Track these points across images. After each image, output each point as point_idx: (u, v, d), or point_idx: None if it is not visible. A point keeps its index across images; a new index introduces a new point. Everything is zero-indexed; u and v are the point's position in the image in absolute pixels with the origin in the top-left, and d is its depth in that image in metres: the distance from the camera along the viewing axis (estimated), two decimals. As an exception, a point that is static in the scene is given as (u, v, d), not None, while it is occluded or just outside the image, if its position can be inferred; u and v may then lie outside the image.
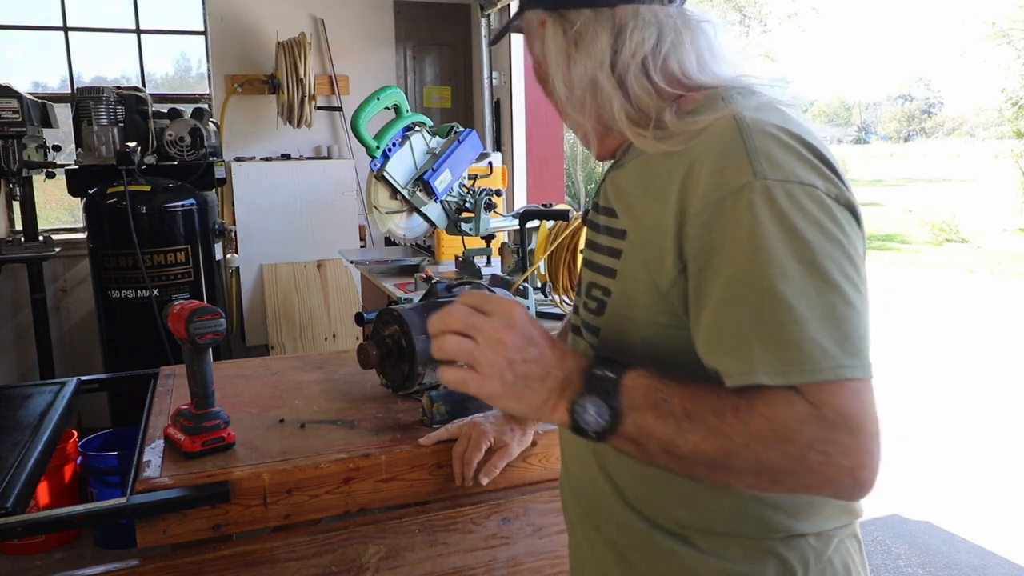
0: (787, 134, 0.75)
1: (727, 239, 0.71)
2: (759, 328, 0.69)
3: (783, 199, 0.71)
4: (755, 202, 0.71)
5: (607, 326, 0.86)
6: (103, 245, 3.20)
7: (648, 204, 0.82)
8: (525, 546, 1.34)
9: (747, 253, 0.70)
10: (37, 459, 1.28)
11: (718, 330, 0.72)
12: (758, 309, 0.69)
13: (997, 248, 12.01)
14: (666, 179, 0.79)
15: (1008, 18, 14.25)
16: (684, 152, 0.79)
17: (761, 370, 0.68)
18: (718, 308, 0.72)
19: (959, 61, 50.48)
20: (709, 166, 0.75)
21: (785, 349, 0.68)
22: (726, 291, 0.71)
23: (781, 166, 0.72)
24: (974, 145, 31.65)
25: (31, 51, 4.26)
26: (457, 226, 2.69)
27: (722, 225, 0.72)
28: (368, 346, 1.46)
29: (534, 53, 0.95)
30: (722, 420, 0.69)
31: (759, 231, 0.70)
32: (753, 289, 0.69)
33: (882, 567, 2.89)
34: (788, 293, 0.68)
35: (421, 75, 4.64)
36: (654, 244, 0.79)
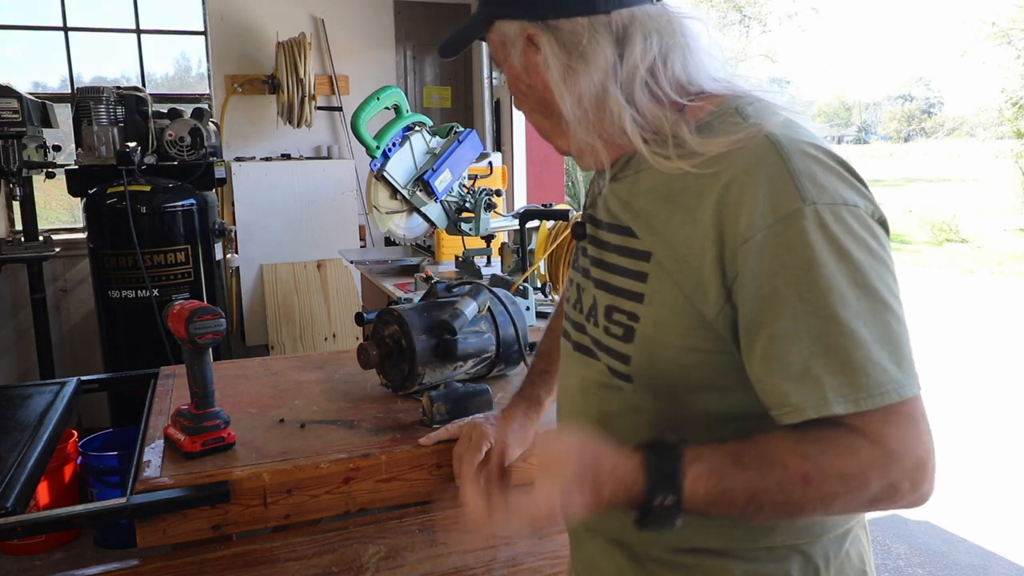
0: (823, 152, 0.75)
1: (783, 267, 0.71)
2: (825, 355, 0.70)
3: (833, 223, 0.71)
4: (808, 228, 0.71)
5: (639, 354, 0.82)
6: (103, 245, 3.20)
7: (677, 227, 0.78)
8: (525, 546, 1.34)
9: (806, 281, 0.70)
10: (37, 459, 1.28)
11: (781, 360, 0.72)
12: (822, 337, 0.70)
13: (997, 248, 12.01)
14: (695, 200, 0.77)
15: (1008, 18, 14.25)
16: (715, 174, 0.76)
17: (833, 399, 0.69)
18: (781, 338, 0.71)
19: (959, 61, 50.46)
20: (752, 190, 0.73)
21: (853, 374, 0.69)
22: (788, 320, 0.71)
23: (827, 189, 0.73)
24: (974, 145, 31.63)
25: (31, 51, 4.25)
26: (457, 226, 2.69)
27: (776, 253, 0.71)
28: (368, 346, 1.46)
29: (510, 65, 0.88)
30: (791, 492, 0.71)
31: (815, 258, 0.70)
32: (815, 317, 0.70)
33: (882, 567, 2.88)
34: (849, 318, 0.69)
35: (421, 75, 4.64)
36: (692, 269, 0.77)
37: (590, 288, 0.90)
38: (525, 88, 0.89)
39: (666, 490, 0.71)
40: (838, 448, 0.70)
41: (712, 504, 0.72)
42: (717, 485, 0.71)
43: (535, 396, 1.24)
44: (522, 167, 4.23)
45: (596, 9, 0.81)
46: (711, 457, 0.72)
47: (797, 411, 0.71)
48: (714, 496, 0.72)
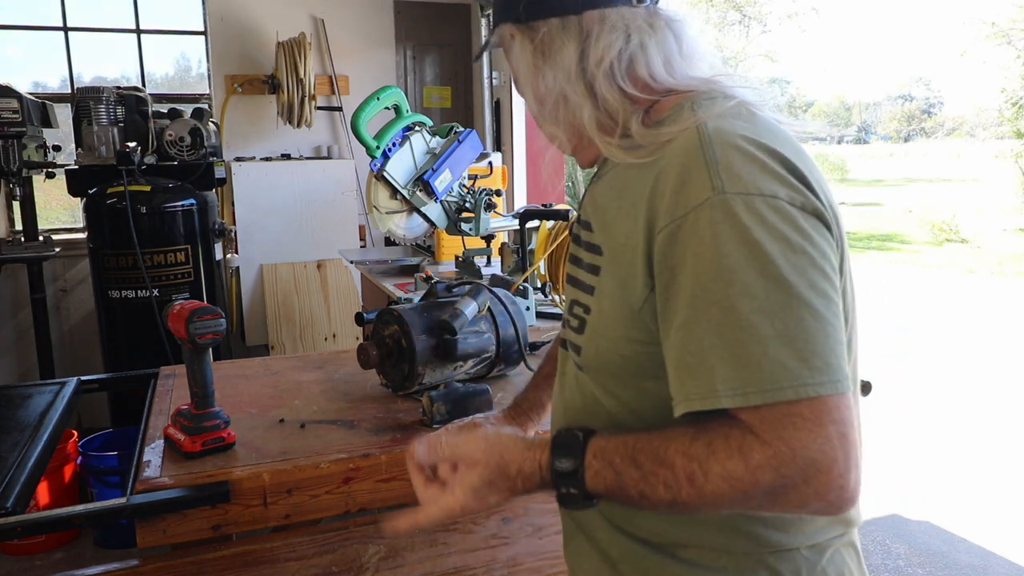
0: (750, 143, 0.74)
1: (689, 257, 0.71)
2: (720, 348, 0.69)
3: (744, 213, 0.69)
4: (715, 218, 0.70)
5: (588, 345, 0.85)
6: (103, 245, 3.20)
7: (620, 220, 0.81)
8: (525, 546, 1.34)
9: (708, 272, 0.69)
10: (37, 459, 1.28)
11: (680, 349, 0.72)
12: (720, 328, 0.69)
13: (997, 248, 12.01)
14: (637, 195, 0.78)
15: (1008, 18, 14.26)
16: (651, 165, 0.78)
17: (722, 391, 0.68)
18: (682, 328, 0.71)
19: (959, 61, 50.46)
20: (672, 181, 0.74)
21: (746, 369, 0.67)
22: (689, 311, 0.71)
23: (741, 178, 0.71)
24: (974, 145, 31.66)
25: (31, 51, 4.25)
26: (457, 226, 2.69)
27: (683, 243, 0.71)
28: (368, 346, 1.47)
29: (511, 65, 0.95)
30: (677, 492, 0.71)
31: (720, 249, 0.69)
32: (715, 308, 0.69)
33: (882, 567, 2.89)
34: (750, 311, 0.68)
35: (421, 75, 4.64)
36: (626, 262, 0.79)
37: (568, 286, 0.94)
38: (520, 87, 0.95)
39: (568, 485, 0.77)
40: (728, 449, 0.69)
41: (611, 495, 0.76)
42: (614, 481, 0.75)
43: (537, 399, 1.24)
44: (522, 167, 4.23)
45: (567, 10, 0.85)
46: (612, 454, 0.75)
47: (687, 401, 0.71)
48: (612, 490, 0.75)
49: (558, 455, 0.78)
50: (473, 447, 0.83)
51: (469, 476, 0.82)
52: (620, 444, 0.76)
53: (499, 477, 0.81)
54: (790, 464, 0.66)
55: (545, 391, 1.22)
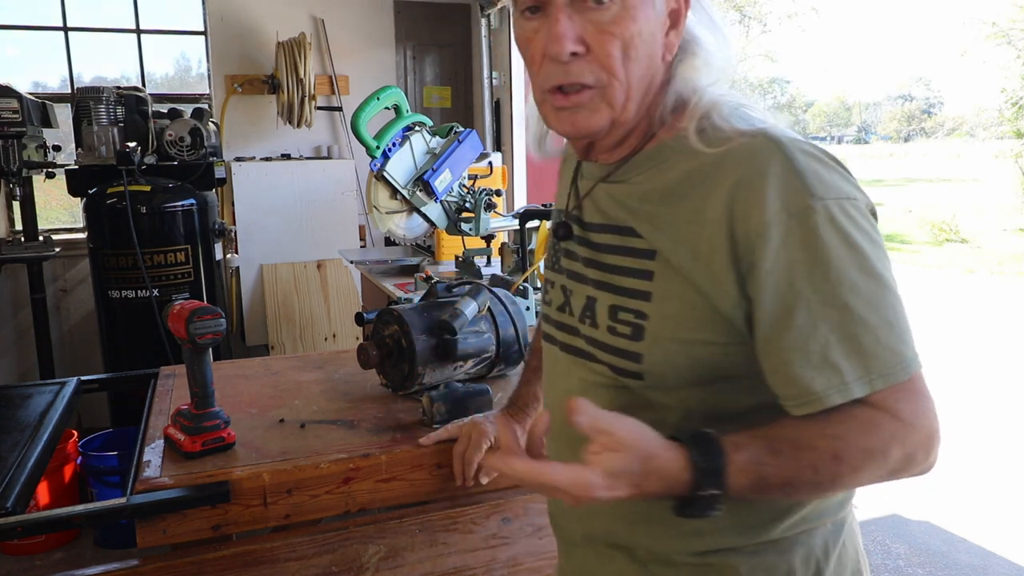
0: (819, 151, 0.78)
1: (798, 262, 0.74)
2: (841, 343, 0.74)
3: (840, 217, 0.75)
4: (819, 223, 0.74)
5: (651, 351, 0.82)
6: (103, 245, 3.20)
7: (683, 225, 0.79)
8: (525, 546, 1.34)
9: (819, 274, 0.74)
10: (37, 459, 1.28)
11: (801, 350, 0.75)
12: (838, 326, 0.74)
13: (997, 248, 12.01)
14: (701, 200, 0.78)
15: (1008, 18, 14.26)
16: (713, 172, 0.78)
17: (852, 383, 0.74)
18: (799, 329, 0.75)
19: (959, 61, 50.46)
20: (763, 189, 0.75)
21: (866, 358, 0.74)
22: (805, 312, 0.74)
23: (831, 185, 0.76)
24: (974, 145, 31.64)
25: (31, 51, 4.26)
26: (457, 226, 2.69)
27: (790, 248, 0.74)
28: (368, 346, 1.47)
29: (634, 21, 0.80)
30: (823, 472, 0.74)
31: (827, 251, 0.74)
32: (830, 307, 0.74)
33: (882, 567, 2.89)
34: (860, 306, 0.74)
35: (421, 75, 4.64)
36: (702, 266, 0.78)
37: (582, 290, 0.90)
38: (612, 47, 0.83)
39: (711, 485, 0.73)
40: (862, 425, 0.74)
41: (751, 491, 0.75)
42: (756, 473, 0.74)
43: (533, 393, 1.25)
44: (522, 167, 4.23)
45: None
46: (750, 447, 0.74)
47: (821, 399, 0.75)
48: (754, 484, 0.74)
49: (699, 452, 0.74)
50: (628, 429, 0.75)
51: (610, 459, 0.73)
52: (755, 438, 0.75)
53: (639, 468, 0.73)
54: (914, 434, 0.75)
55: (537, 385, 1.23)
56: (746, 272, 0.76)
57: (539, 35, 0.81)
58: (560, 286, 0.95)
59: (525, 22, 0.83)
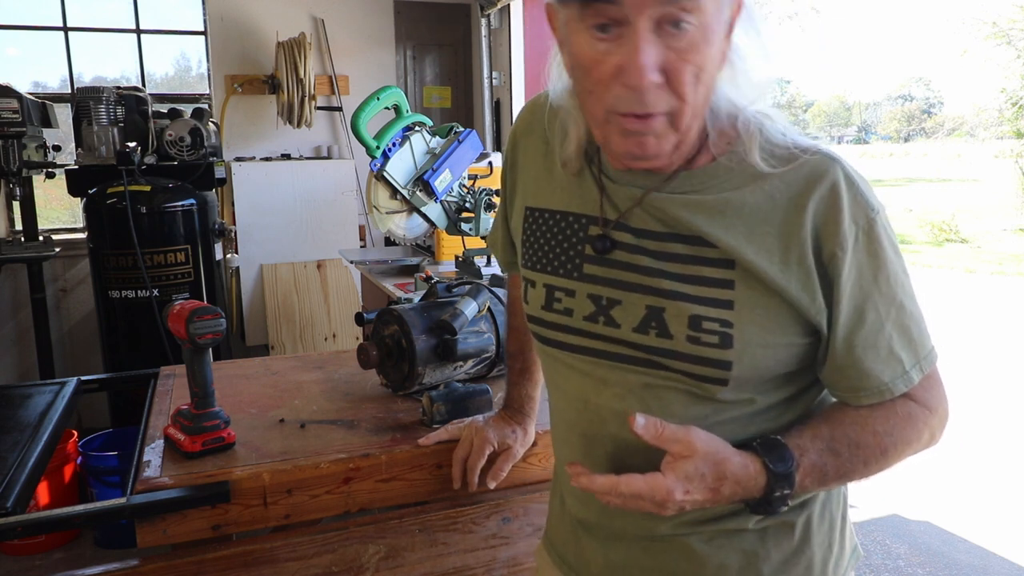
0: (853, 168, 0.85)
1: (869, 269, 0.84)
2: (900, 336, 0.86)
3: (887, 226, 0.86)
4: (880, 235, 0.84)
5: (741, 357, 0.83)
6: (103, 245, 3.20)
7: (762, 237, 0.83)
8: (525, 546, 1.34)
9: (883, 278, 0.84)
10: (37, 459, 1.28)
11: (873, 347, 0.85)
12: (897, 321, 0.85)
13: (997, 248, 12.01)
14: (783, 216, 0.83)
15: (1008, 18, 14.26)
16: (788, 190, 0.82)
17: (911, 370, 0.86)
18: (871, 327, 0.84)
19: (959, 61, 50.46)
20: (840, 205, 0.82)
21: (917, 347, 0.87)
22: (875, 312, 0.84)
23: (875, 198, 0.85)
24: (974, 145, 31.64)
25: (31, 51, 4.25)
26: (457, 226, 2.69)
27: (863, 258, 0.84)
28: (368, 346, 1.46)
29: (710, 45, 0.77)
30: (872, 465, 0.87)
31: (887, 258, 0.85)
32: (891, 306, 0.85)
33: (882, 567, 2.89)
34: (908, 302, 0.86)
35: (421, 75, 4.64)
36: (792, 276, 0.83)
37: (636, 299, 0.87)
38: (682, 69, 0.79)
39: (783, 487, 0.82)
40: (903, 420, 0.87)
41: (813, 487, 0.85)
42: (820, 472, 0.84)
43: (526, 394, 1.25)
44: (522, 167, 4.22)
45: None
46: (813, 449, 0.84)
47: (890, 388, 0.86)
48: (817, 481, 0.85)
49: (773, 459, 0.82)
50: (698, 438, 0.81)
51: (684, 464, 0.80)
52: (816, 439, 0.85)
53: (712, 472, 0.81)
54: (940, 424, 0.90)
55: (528, 385, 1.24)
56: (832, 281, 0.83)
57: (612, 57, 0.76)
58: (587, 295, 0.90)
59: (595, 41, 0.77)
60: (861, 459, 0.85)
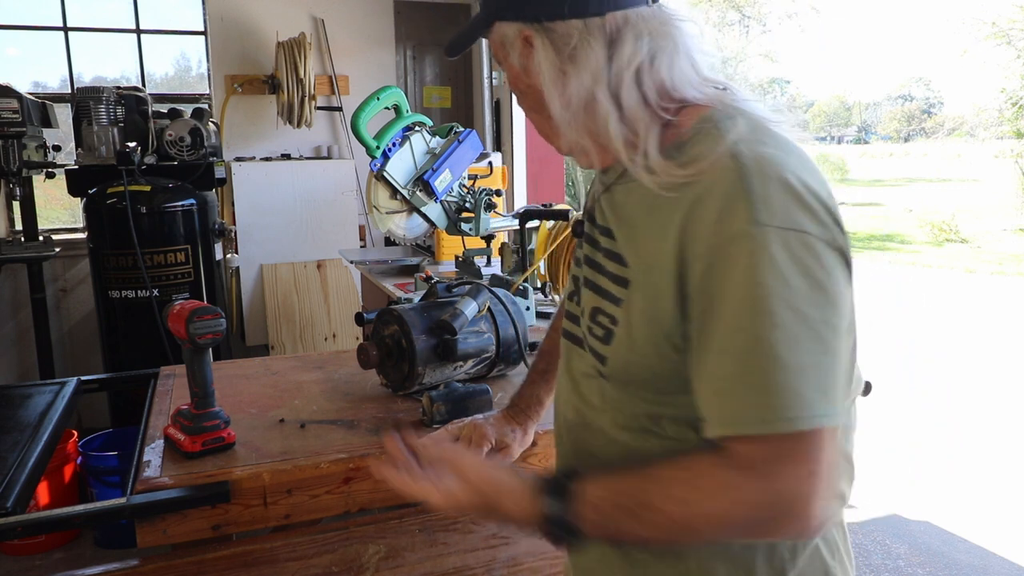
0: (786, 173, 0.75)
1: (726, 286, 0.73)
2: (746, 376, 0.72)
3: (777, 247, 0.72)
4: (753, 250, 0.72)
5: (614, 356, 0.84)
6: (103, 245, 3.20)
7: (650, 238, 0.80)
8: (525, 546, 1.34)
9: (743, 302, 0.72)
10: (37, 459, 1.28)
11: (711, 376, 0.75)
12: (747, 358, 0.72)
13: (997, 248, 12.01)
14: (669, 216, 0.78)
15: (1008, 18, 14.26)
16: (687, 187, 0.77)
17: (750, 419, 0.72)
18: (715, 355, 0.74)
19: (959, 61, 50.41)
20: (711, 210, 0.74)
21: (769, 397, 0.71)
22: (722, 339, 0.73)
23: (778, 212, 0.73)
24: (974, 145, 31.64)
25: (31, 51, 4.25)
26: (457, 226, 2.70)
27: (721, 272, 0.73)
28: (368, 346, 1.47)
29: (510, 65, 0.89)
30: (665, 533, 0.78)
31: (755, 280, 0.71)
32: (746, 338, 0.72)
33: (882, 567, 2.89)
34: (777, 343, 0.70)
35: (421, 75, 4.64)
36: (654, 281, 0.79)
37: (587, 291, 0.91)
38: (524, 88, 0.91)
39: (562, 531, 0.81)
40: (713, 489, 0.74)
41: (610, 540, 0.83)
42: (607, 529, 0.80)
43: (535, 395, 1.25)
44: (522, 167, 4.23)
45: (589, 11, 0.82)
46: (603, 502, 0.79)
47: (721, 426, 0.74)
48: (609, 535, 0.81)
49: (551, 506, 0.81)
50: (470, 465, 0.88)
51: (454, 485, 0.86)
52: (610, 492, 0.80)
53: (484, 508, 0.86)
54: (773, 503, 0.72)
55: (542, 387, 1.23)
56: (684, 292, 0.76)
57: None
58: (575, 277, 0.97)
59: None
60: (653, 524, 0.76)
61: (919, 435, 4.24)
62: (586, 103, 0.83)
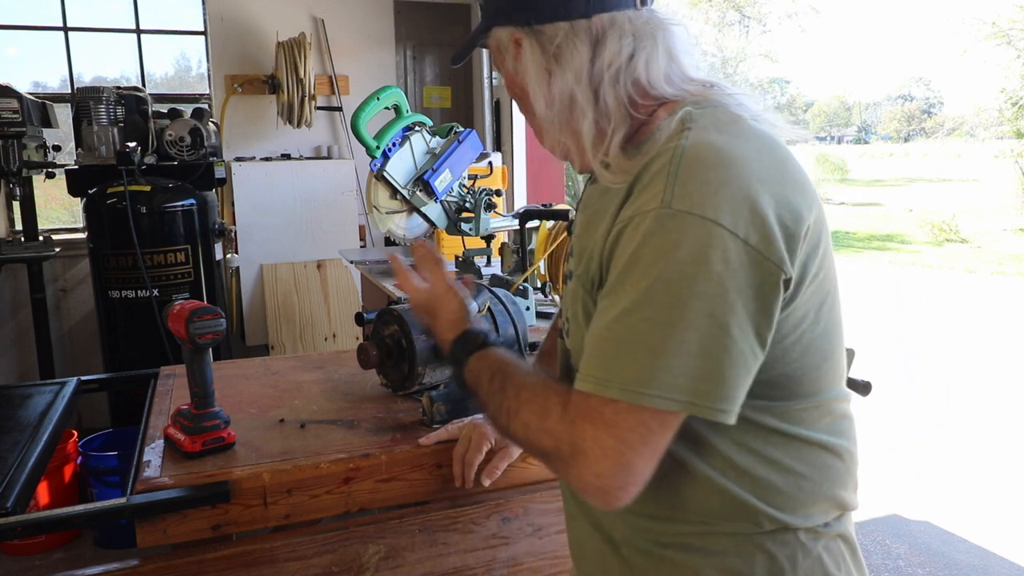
0: (721, 161, 0.74)
1: (619, 256, 0.77)
2: (603, 340, 0.76)
3: (674, 231, 0.72)
4: (650, 228, 0.73)
5: (574, 350, 0.88)
6: (103, 245, 3.20)
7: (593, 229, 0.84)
8: (525, 546, 1.34)
9: (624, 271, 0.75)
10: (37, 459, 1.28)
11: (590, 331, 0.80)
12: (612, 323, 0.75)
13: (997, 248, 12.01)
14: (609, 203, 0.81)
15: (1008, 18, 14.27)
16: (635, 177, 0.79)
17: (585, 373, 0.77)
18: (597, 314, 0.79)
19: (959, 61, 50.39)
20: (636, 192, 0.78)
21: (608, 361, 0.75)
22: (603, 302, 0.78)
23: (692, 197, 0.72)
24: (974, 145, 31.64)
25: (31, 51, 4.25)
26: (457, 226, 2.70)
27: (621, 244, 0.77)
28: (368, 346, 1.46)
29: (506, 70, 0.94)
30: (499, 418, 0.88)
31: (639, 255, 0.74)
32: (617, 306, 0.75)
33: (882, 567, 2.89)
34: (641, 317, 0.73)
35: (421, 75, 4.64)
36: (590, 270, 0.83)
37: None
38: (517, 91, 0.94)
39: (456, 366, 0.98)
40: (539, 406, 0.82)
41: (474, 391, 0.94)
42: (476, 385, 0.93)
43: None
44: (522, 167, 4.23)
45: (576, 14, 0.84)
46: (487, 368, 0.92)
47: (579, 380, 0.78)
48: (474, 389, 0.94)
49: (456, 347, 0.98)
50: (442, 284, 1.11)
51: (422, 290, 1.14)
52: (489, 370, 0.92)
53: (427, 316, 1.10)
54: (561, 449, 0.78)
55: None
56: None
57: None
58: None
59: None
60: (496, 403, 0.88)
61: (919, 435, 4.24)
62: (568, 102, 0.86)
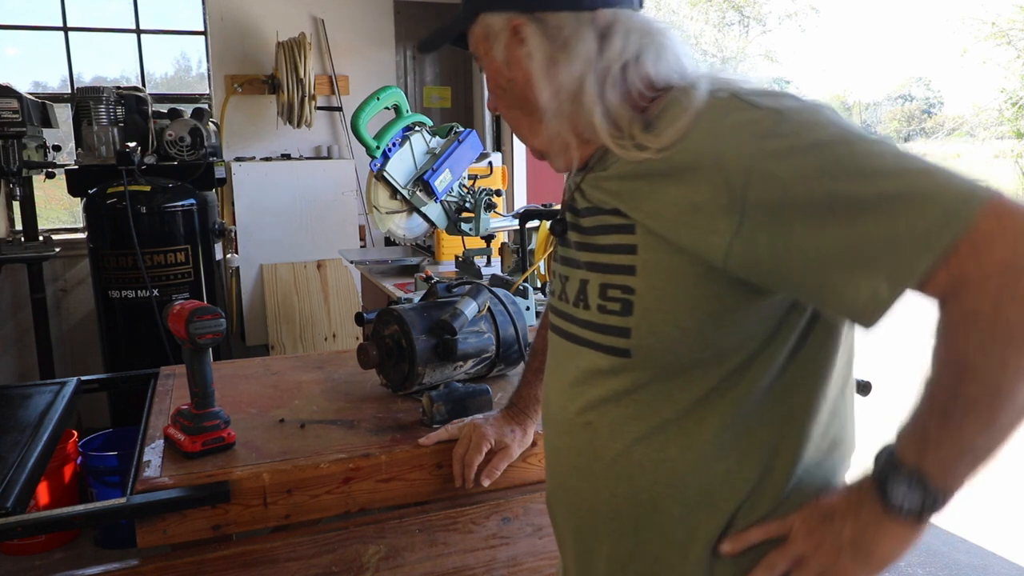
0: (765, 88, 0.80)
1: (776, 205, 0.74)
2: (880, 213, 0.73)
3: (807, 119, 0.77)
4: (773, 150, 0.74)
5: (640, 324, 0.82)
6: (103, 245, 3.20)
7: (661, 193, 0.79)
8: (525, 546, 1.34)
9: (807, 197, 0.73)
10: (37, 459, 1.28)
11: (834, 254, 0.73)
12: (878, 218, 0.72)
13: (997, 249, 11.96)
14: (679, 172, 0.78)
15: (1008, 18, 14.27)
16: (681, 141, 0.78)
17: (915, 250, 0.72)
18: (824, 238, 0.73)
19: (959, 61, 50.38)
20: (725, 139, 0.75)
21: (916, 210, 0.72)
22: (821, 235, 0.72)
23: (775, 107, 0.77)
24: (974, 145, 31.62)
25: (31, 51, 4.25)
26: (457, 226, 2.70)
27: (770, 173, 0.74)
28: (368, 346, 1.46)
29: (491, 59, 0.91)
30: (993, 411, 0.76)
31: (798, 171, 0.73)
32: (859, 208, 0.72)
33: (882, 567, 2.88)
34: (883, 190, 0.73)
35: (421, 75, 4.64)
36: (689, 225, 0.77)
37: (576, 274, 0.91)
38: (505, 83, 0.92)
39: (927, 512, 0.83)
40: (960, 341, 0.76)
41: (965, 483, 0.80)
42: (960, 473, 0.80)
43: (534, 395, 1.25)
44: (522, 167, 4.23)
45: (582, 5, 0.84)
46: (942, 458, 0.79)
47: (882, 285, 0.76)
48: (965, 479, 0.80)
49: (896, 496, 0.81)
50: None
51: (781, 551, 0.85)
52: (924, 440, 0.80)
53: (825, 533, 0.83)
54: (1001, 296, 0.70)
55: (538, 387, 1.23)
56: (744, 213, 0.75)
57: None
58: (558, 275, 0.97)
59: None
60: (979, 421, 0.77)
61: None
62: (575, 93, 0.85)
